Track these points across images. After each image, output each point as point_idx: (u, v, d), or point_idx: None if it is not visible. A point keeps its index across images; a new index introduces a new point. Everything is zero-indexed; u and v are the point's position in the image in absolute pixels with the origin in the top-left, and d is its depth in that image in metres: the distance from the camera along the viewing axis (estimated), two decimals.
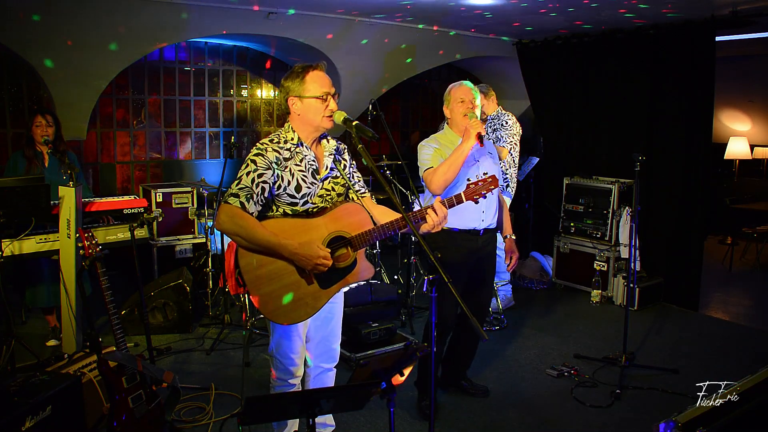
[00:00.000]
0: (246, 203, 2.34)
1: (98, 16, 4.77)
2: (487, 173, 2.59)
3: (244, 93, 6.77)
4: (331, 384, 2.85)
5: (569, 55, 6.26)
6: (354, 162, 2.72)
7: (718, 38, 5.03)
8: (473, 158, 3.28)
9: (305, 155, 2.49)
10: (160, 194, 5.30)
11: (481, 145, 3.13)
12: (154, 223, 5.11)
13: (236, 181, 2.38)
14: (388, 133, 4.79)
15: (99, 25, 4.84)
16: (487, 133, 4.81)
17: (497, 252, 3.75)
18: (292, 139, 2.48)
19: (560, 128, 6.52)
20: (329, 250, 2.38)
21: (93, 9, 4.70)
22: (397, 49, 6.35)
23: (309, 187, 2.47)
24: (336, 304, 2.73)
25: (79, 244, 3.65)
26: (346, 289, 2.76)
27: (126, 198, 4.35)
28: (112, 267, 3.57)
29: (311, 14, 5.46)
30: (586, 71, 6.15)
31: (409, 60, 6.65)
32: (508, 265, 3.54)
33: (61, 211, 3.75)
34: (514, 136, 4.83)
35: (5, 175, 4.30)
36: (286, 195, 2.44)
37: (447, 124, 3.44)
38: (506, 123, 4.83)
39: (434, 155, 3.27)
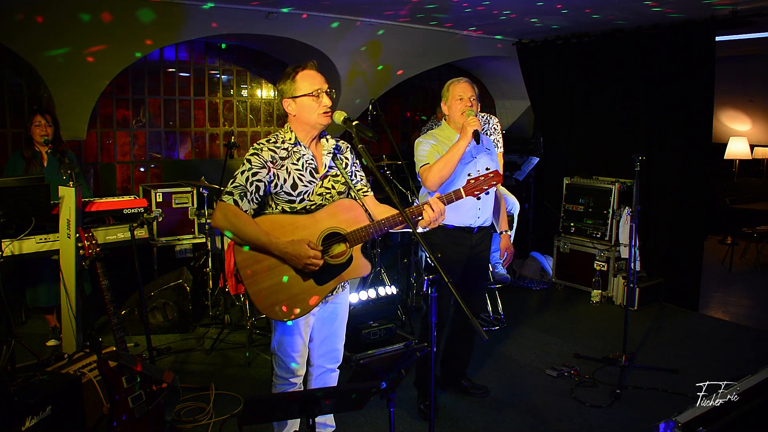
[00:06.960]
0: (239, 201, 2.36)
1: (98, 16, 4.77)
2: (489, 168, 2.53)
3: (244, 93, 6.76)
4: (334, 384, 2.83)
5: (569, 55, 6.26)
6: (357, 161, 2.70)
7: (718, 38, 5.03)
8: (470, 155, 3.27)
9: (303, 154, 2.49)
10: (160, 194, 5.30)
11: (477, 142, 3.13)
12: (154, 223, 5.11)
13: (231, 180, 2.41)
14: (388, 133, 4.79)
15: (99, 25, 4.84)
16: (484, 131, 4.80)
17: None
18: (290, 139, 2.50)
19: (560, 128, 6.52)
20: (320, 249, 2.36)
21: (93, 9, 4.70)
22: (397, 49, 6.35)
23: (306, 186, 2.47)
24: (339, 305, 2.71)
25: (79, 244, 3.66)
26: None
27: (126, 198, 4.35)
28: (112, 267, 3.57)
29: (311, 14, 5.46)
30: (586, 71, 6.15)
31: (408, 60, 6.64)
32: (503, 261, 3.54)
33: (61, 211, 3.75)
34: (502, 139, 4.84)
35: (4, 176, 4.29)
36: (283, 193, 2.45)
37: (444, 120, 3.44)
38: (497, 128, 4.82)
39: (431, 151, 3.25)
